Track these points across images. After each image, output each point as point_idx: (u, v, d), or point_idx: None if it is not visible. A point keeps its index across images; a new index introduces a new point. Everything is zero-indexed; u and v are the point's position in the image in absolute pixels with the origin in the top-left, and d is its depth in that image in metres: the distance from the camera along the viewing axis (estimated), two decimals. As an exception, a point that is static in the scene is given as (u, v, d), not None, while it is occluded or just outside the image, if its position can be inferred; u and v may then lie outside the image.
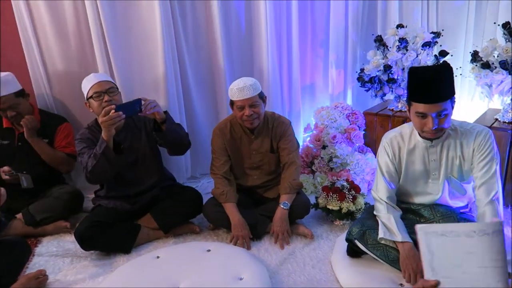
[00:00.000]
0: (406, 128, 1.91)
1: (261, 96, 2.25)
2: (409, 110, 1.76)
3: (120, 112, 1.97)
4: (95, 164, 2.05)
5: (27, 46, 2.60)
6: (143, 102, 2.05)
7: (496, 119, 2.51)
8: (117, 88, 2.27)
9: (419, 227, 1.50)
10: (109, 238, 2.16)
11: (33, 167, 2.45)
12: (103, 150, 2.02)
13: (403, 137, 1.89)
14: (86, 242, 2.12)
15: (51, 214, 2.40)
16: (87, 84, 2.20)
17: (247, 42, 2.93)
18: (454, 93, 1.69)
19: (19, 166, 2.41)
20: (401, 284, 1.73)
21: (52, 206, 2.41)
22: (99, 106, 2.14)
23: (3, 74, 2.36)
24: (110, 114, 1.96)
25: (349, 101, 3.41)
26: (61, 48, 2.64)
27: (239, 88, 2.16)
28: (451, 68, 1.68)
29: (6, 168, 2.33)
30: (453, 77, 1.69)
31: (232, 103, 2.25)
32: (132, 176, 2.33)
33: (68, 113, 2.77)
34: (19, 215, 2.40)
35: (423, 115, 1.68)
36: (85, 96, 2.22)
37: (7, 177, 2.31)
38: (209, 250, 2.05)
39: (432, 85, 1.63)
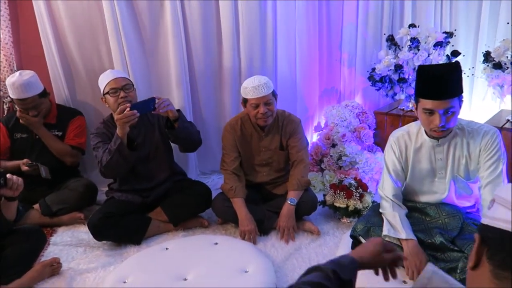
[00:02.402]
0: (413, 127, 1.92)
1: (274, 94, 2.29)
2: (416, 107, 1.77)
3: (135, 110, 2.04)
4: (110, 159, 2.12)
5: (46, 43, 2.70)
6: (157, 101, 2.11)
7: (508, 120, 2.49)
8: (132, 84, 2.34)
9: (430, 265, 1.50)
10: (121, 229, 2.22)
11: (49, 160, 2.54)
12: (118, 146, 2.09)
13: (410, 136, 1.90)
14: (99, 232, 2.20)
15: (66, 205, 2.49)
16: (104, 80, 2.27)
17: (257, 40, 2.96)
18: (462, 92, 1.70)
19: (37, 158, 2.51)
20: (404, 281, 1.75)
21: (67, 197, 2.50)
22: (115, 102, 2.22)
23: (27, 75, 2.43)
24: (125, 112, 2.03)
25: (359, 100, 3.41)
26: (79, 45, 2.73)
27: (254, 87, 2.19)
28: (459, 67, 1.69)
29: (25, 160, 2.43)
30: (461, 76, 1.70)
31: (245, 101, 2.28)
32: (145, 170, 2.39)
33: (84, 108, 2.84)
34: (36, 206, 2.49)
35: (431, 112, 1.68)
36: (102, 91, 2.29)
37: (26, 168, 2.40)
38: (216, 243, 2.10)
39: (440, 81, 1.64)
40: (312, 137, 3.35)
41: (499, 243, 0.72)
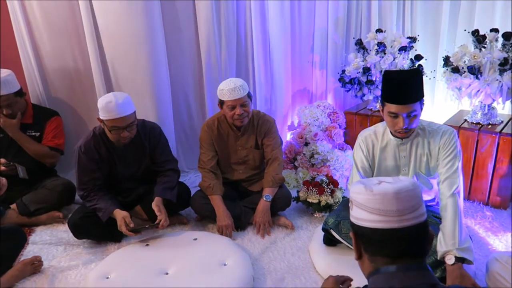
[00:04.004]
0: (379, 127, 2.06)
1: (249, 96, 2.38)
2: (382, 110, 1.92)
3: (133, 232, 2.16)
4: (92, 208, 2.22)
5: (21, 43, 2.70)
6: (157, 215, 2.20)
7: (465, 120, 2.70)
8: (136, 118, 2.23)
9: None
10: (101, 228, 2.25)
11: (26, 159, 2.55)
12: (102, 216, 2.18)
13: (377, 135, 2.05)
14: (80, 231, 2.25)
15: (44, 205, 2.51)
16: (108, 112, 2.08)
17: (234, 41, 3.05)
18: (423, 96, 1.85)
19: (13, 158, 2.52)
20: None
21: (46, 197, 2.52)
22: (113, 137, 2.18)
23: (4, 73, 2.44)
24: (125, 230, 2.13)
25: (330, 101, 3.57)
26: (54, 45, 2.73)
27: (230, 89, 2.26)
28: (421, 73, 1.85)
29: (2, 159, 2.43)
30: (422, 81, 1.85)
31: (221, 102, 2.36)
32: (128, 185, 2.43)
33: (60, 108, 2.84)
34: (13, 206, 2.50)
35: (395, 115, 1.83)
36: (101, 115, 2.13)
37: (3, 167, 2.40)
38: (195, 239, 2.19)
39: (403, 88, 1.78)
40: (286, 136, 3.47)
41: (369, 238, 0.96)
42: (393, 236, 0.93)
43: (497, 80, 2.41)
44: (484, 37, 2.46)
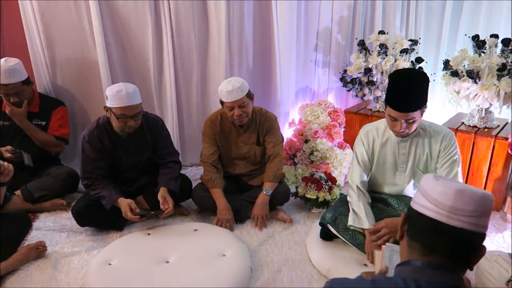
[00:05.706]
0: (382, 124, 2.11)
1: (249, 95, 2.40)
2: (385, 109, 1.96)
3: (139, 216, 2.21)
4: (95, 196, 2.27)
5: (29, 32, 2.74)
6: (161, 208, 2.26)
7: (463, 123, 2.75)
8: (142, 109, 2.29)
9: (388, 245, 1.69)
10: (104, 216, 2.31)
11: (31, 148, 2.60)
12: (106, 204, 2.24)
13: (378, 131, 2.10)
14: (83, 219, 2.30)
15: (48, 192, 2.57)
16: (118, 100, 2.14)
17: (239, 39, 3.10)
18: (425, 102, 1.86)
19: (19, 145, 2.57)
20: (365, 264, 1.96)
21: (50, 184, 2.57)
22: (119, 126, 2.23)
23: (12, 62, 2.48)
24: (131, 215, 2.18)
25: (331, 99, 3.62)
26: (62, 35, 2.77)
27: (228, 91, 2.29)
28: (427, 80, 1.83)
29: (9, 147, 2.49)
30: (426, 90, 1.84)
31: (222, 102, 2.40)
32: (131, 175, 2.48)
33: (66, 98, 2.90)
34: (18, 192, 2.55)
35: (395, 119, 1.89)
36: (108, 102, 2.18)
37: (9, 155, 2.46)
38: (196, 230, 2.25)
39: (406, 95, 1.81)
40: (287, 133, 3.52)
41: (413, 221, 0.99)
42: (435, 229, 0.93)
43: (495, 85, 2.47)
44: (483, 42, 2.52)
